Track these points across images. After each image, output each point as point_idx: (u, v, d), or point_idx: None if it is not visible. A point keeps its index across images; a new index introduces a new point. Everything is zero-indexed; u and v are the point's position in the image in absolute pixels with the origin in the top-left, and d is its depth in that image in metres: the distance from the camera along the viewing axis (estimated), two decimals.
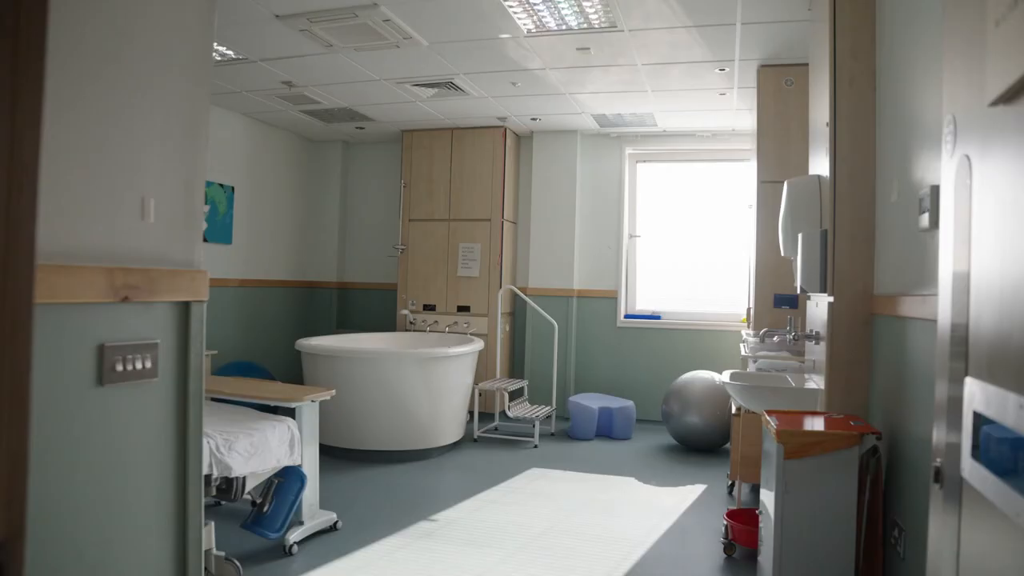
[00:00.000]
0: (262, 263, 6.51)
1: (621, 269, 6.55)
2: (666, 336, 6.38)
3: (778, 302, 4.39)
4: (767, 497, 2.50)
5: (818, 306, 3.01)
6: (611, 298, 6.54)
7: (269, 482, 3.09)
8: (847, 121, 2.74)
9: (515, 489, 4.26)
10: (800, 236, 2.90)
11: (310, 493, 3.29)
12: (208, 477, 2.59)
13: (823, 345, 2.86)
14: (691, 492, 4.29)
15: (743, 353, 3.71)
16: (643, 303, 6.60)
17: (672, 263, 6.56)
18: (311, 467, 3.30)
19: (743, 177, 6.34)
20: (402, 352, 4.79)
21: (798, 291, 2.96)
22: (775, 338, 3.50)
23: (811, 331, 3.06)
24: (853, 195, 2.72)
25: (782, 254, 3.23)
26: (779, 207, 4.48)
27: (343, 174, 7.26)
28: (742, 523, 3.30)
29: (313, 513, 3.33)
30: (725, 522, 3.31)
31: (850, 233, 2.72)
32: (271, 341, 6.53)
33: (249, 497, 3.14)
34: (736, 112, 5.67)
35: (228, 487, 2.71)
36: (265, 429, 2.93)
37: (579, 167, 6.57)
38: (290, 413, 3.25)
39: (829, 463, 2.23)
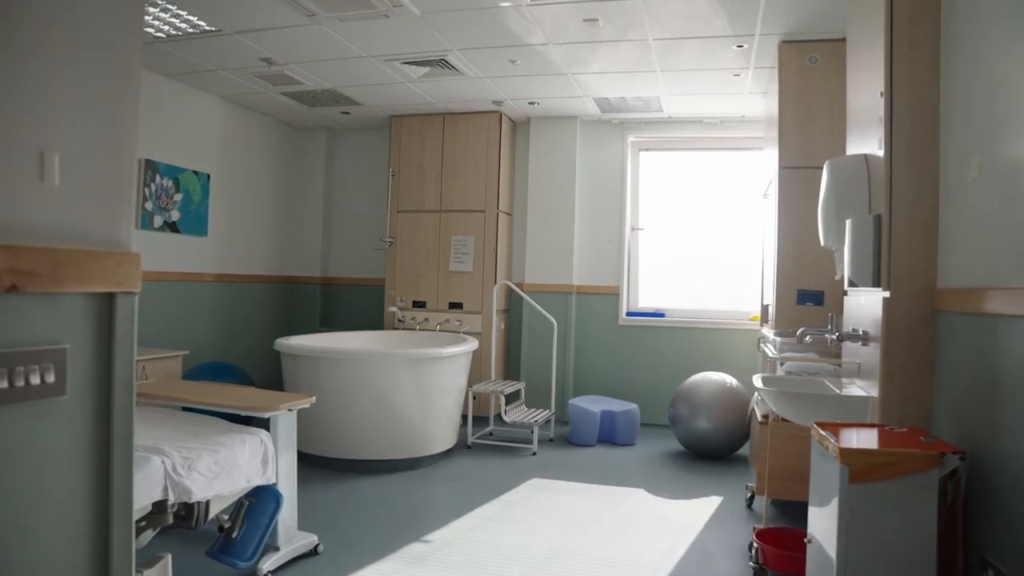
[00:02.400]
0: (240, 257, 6.08)
1: (623, 264, 6.19)
2: (670, 335, 6.02)
3: (801, 299, 4.04)
4: (820, 524, 2.14)
5: (864, 302, 2.65)
6: (612, 295, 6.17)
7: (239, 503, 2.69)
8: (906, 92, 2.38)
9: (515, 503, 3.88)
10: (848, 223, 2.54)
11: (287, 514, 2.89)
12: (163, 503, 2.19)
13: (872, 346, 2.50)
14: (707, 505, 3.93)
15: (770, 354, 3.35)
16: (646, 300, 6.24)
17: (677, 258, 6.20)
18: (288, 484, 2.91)
19: (752, 166, 6.00)
20: (390, 352, 4.39)
21: (846, 284, 2.60)
22: (808, 338, 3.14)
23: (855, 330, 2.71)
24: (913, 175, 2.36)
25: (822, 244, 2.87)
26: (802, 194, 4.14)
27: (328, 163, 6.85)
28: (772, 544, 2.95)
29: (290, 536, 2.94)
30: (755, 544, 2.95)
31: (908, 218, 2.36)
32: (250, 341, 6.11)
33: (218, 520, 2.75)
34: (748, 96, 5.31)
35: (188, 513, 2.31)
36: (233, 444, 2.53)
37: (579, 156, 6.20)
38: (264, 423, 2.86)
39: (904, 488, 1.87)
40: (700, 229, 6.16)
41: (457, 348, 4.68)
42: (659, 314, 6.13)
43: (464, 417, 5.12)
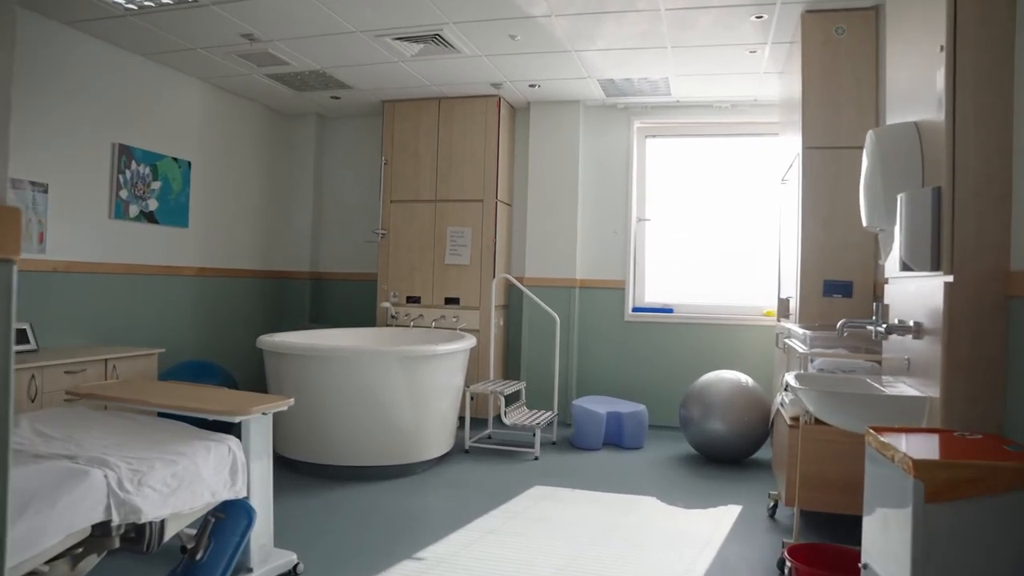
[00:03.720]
0: (224, 250, 5.74)
1: (629, 257, 5.86)
2: (679, 331, 5.70)
3: (828, 290, 3.72)
4: (882, 549, 1.82)
5: (917, 289, 2.33)
6: (618, 289, 5.85)
7: (204, 521, 2.36)
8: (972, 50, 2.06)
9: (517, 514, 3.55)
10: (900, 199, 2.22)
11: (261, 530, 2.56)
12: (106, 525, 1.86)
13: (928, 340, 2.18)
14: (725, 515, 3.61)
15: (800, 350, 3.02)
16: (653, 295, 5.91)
17: (685, 250, 5.88)
18: (262, 497, 2.58)
19: (765, 153, 5.68)
20: (381, 350, 4.06)
21: (889, 271, 2.27)
22: (846, 332, 2.82)
23: (904, 322, 2.38)
24: (980, 141, 2.04)
25: (865, 225, 2.55)
26: (828, 176, 3.82)
27: (317, 151, 6.51)
28: (805, 562, 2.63)
29: (266, 555, 2.61)
30: (788, 562, 2.63)
31: (976, 190, 2.04)
32: (234, 339, 5.78)
33: (180, 540, 2.42)
34: (762, 77, 4.99)
35: (139, 535, 1.98)
36: (196, 453, 2.20)
37: (582, 143, 5.87)
38: (235, 429, 2.52)
39: (994, 509, 1.54)
40: (710, 220, 5.83)
41: (453, 345, 4.35)
42: (667, 309, 5.80)
43: (461, 419, 4.80)
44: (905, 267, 2.22)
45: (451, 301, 5.68)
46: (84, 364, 3.82)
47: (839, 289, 3.70)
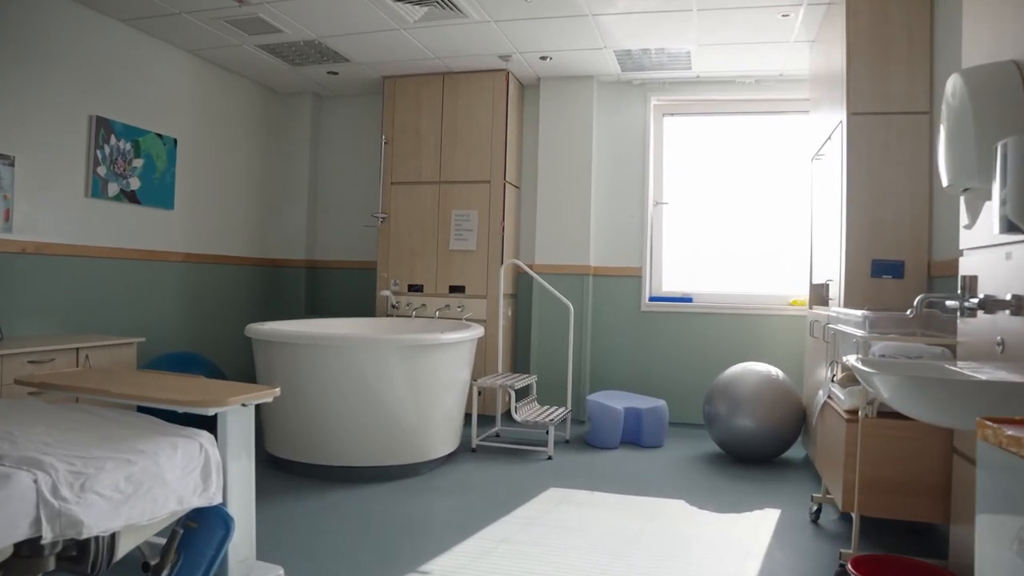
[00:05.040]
0: (213, 235, 5.38)
1: (645, 243, 5.49)
2: (699, 322, 5.33)
3: (877, 270, 3.35)
4: (1008, 570, 1.45)
5: (1010, 257, 1.97)
6: (634, 277, 5.48)
7: (172, 532, 2.00)
8: None
9: (533, 520, 3.18)
10: (1004, 147, 1.84)
11: (241, 542, 2.20)
12: (35, 542, 1.49)
13: None
14: (764, 520, 3.24)
15: (859, 334, 2.65)
16: (671, 283, 5.54)
17: (705, 236, 5.50)
18: (242, 503, 2.21)
19: (792, 132, 5.31)
20: (380, 338, 3.68)
21: (998, 228, 1.90)
22: (921, 310, 2.44)
23: (995, 296, 2.01)
24: None
25: (947, 184, 2.18)
26: (877, 146, 3.45)
27: (314, 132, 6.14)
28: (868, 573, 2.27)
29: (247, 571, 2.24)
30: None
31: None
32: (224, 329, 5.41)
33: (142, 555, 2.05)
34: (792, 48, 4.62)
35: (82, 553, 1.61)
36: (158, 451, 1.84)
37: (596, 121, 5.49)
38: (211, 425, 2.16)
39: None
40: (731, 204, 5.46)
41: (459, 334, 3.98)
42: (686, 299, 5.43)
43: (467, 416, 4.43)
44: (1011, 227, 1.84)
45: (456, 289, 5.31)
46: (52, 353, 3.45)
47: (889, 269, 3.33)
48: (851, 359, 2.28)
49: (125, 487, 1.68)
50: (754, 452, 4.26)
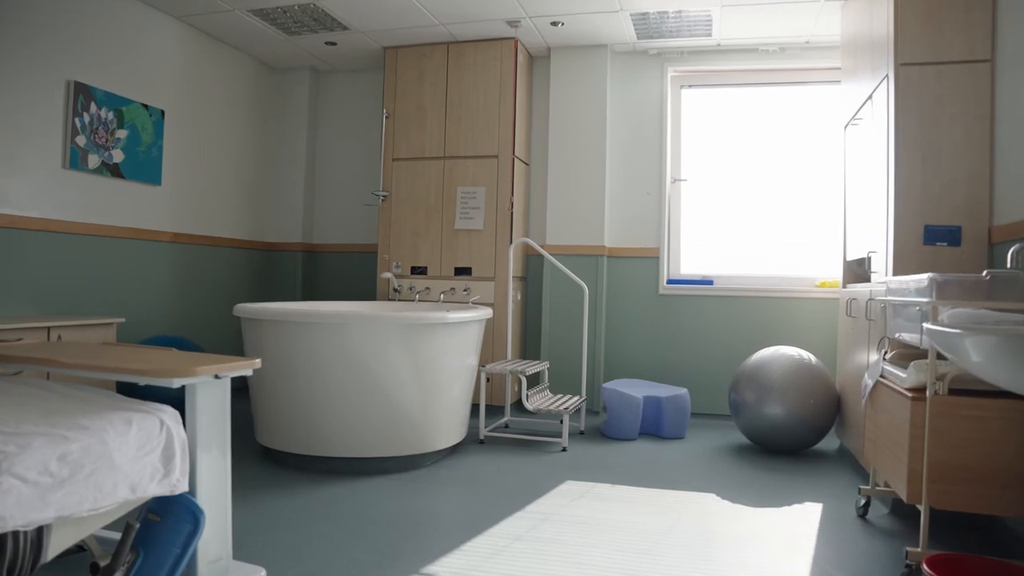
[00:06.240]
0: (204, 214, 5.06)
1: (663, 222, 5.16)
2: (721, 306, 4.99)
3: (931, 237, 3.02)
4: None
5: None
6: (651, 258, 5.14)
7: (126, 527, 1.68)
8: None
9: (549, 516, 2.86)
10: None
11: (214, 538, 1.88)
12: None
13: None
14: (806, 515, 2.91)
15: (923, 301, 2.31)
16: (691, 265, 5.21)
17: (726, 215, 5.17)
18: (216, 493, 1.89)
19: (819, 104, 4.98)
20: (379, 315, 3.36)
21: None
22: (986, 275, 2.12)
23: None
24: None
25: None
26: (930, 99, 3.11)
27: (311, 110, 5.83)
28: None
29: (221, 572, 1.92)
30: None
31: None
32: (214, 316, 5.10)
33: (91, 554, 1.73)
34: (823, 8, 4.29)
35: None
36: (106, 428, 1.52)
37: (609, 93, 5.16)
38: (177, 401, 1.84)
39: None
40: (754, 181, 5.13)
41: (466, 314, 3.65)
42: (706, 281, 5.10)
43: (474, 407, 4.11)
44: None
45: (462, 271, 4.99)
46: (20, 332, 3.14)
47: (944, 236, 3.00)
48: (930, 324, 1.95)
49: (58, 470, 1.36)
50: (785, 443, 3.94)
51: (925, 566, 1.97)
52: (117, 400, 1.72)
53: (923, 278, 2.34)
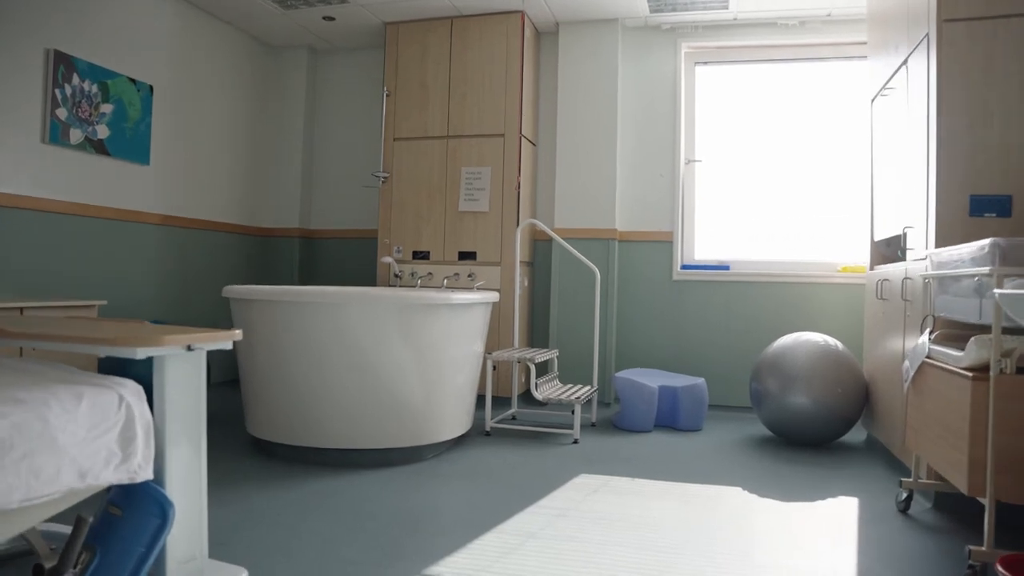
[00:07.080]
0: (195, 197, 4.83)
1: (677, 204, 4.91)
2: (739, 292, 4.75)
3: (977, 207, 2.77)
4: None
5: None
6: (665, 243, 4.90)
7: (77, 521, 1.44)
8: None
9: (564, 511, 2.61)
10: None
11: (185, 535, 1.64)
12: None
13: None
14: (842, 510, 2.67)
15: (984, 271, 2.07)
16: (705, 250, 4.96)
17: (743, 198, 4.92)
18: (188, 483, 1.65)
19: (843, 81, 4.73)
20: (377, 294, 3.12)
21: None
22: None
23: None
24: None
25: None
26: (979, 56, 2.86)
27: (309, 91, 5.59)
28: None
29: (195, 572, 1.68)
30: None
31: None
32: (205, 302, 4.87)
33: (36, 554, 1.49)
34: None
35: None
36: (47, 403, 1.28)
37: (621, 71, 4.92)
38: (142, 375, 1.60)
39: None
40: (772, 162, 4.88)
41: (471, 295, 3.41)
42: (723, 267, 4.86)
43: (480, 398, 3.87)
44: None
45: (466, 256, 4.74)
46: None
47: (993, 206, 2.75)
48: (1000, 291, 1.71)
49: None
50: (810, 434, 3.69)
51: (1000, 567, 1.73)
52: (70, 373, 1.49)
53: (984, 243, 2.09)
